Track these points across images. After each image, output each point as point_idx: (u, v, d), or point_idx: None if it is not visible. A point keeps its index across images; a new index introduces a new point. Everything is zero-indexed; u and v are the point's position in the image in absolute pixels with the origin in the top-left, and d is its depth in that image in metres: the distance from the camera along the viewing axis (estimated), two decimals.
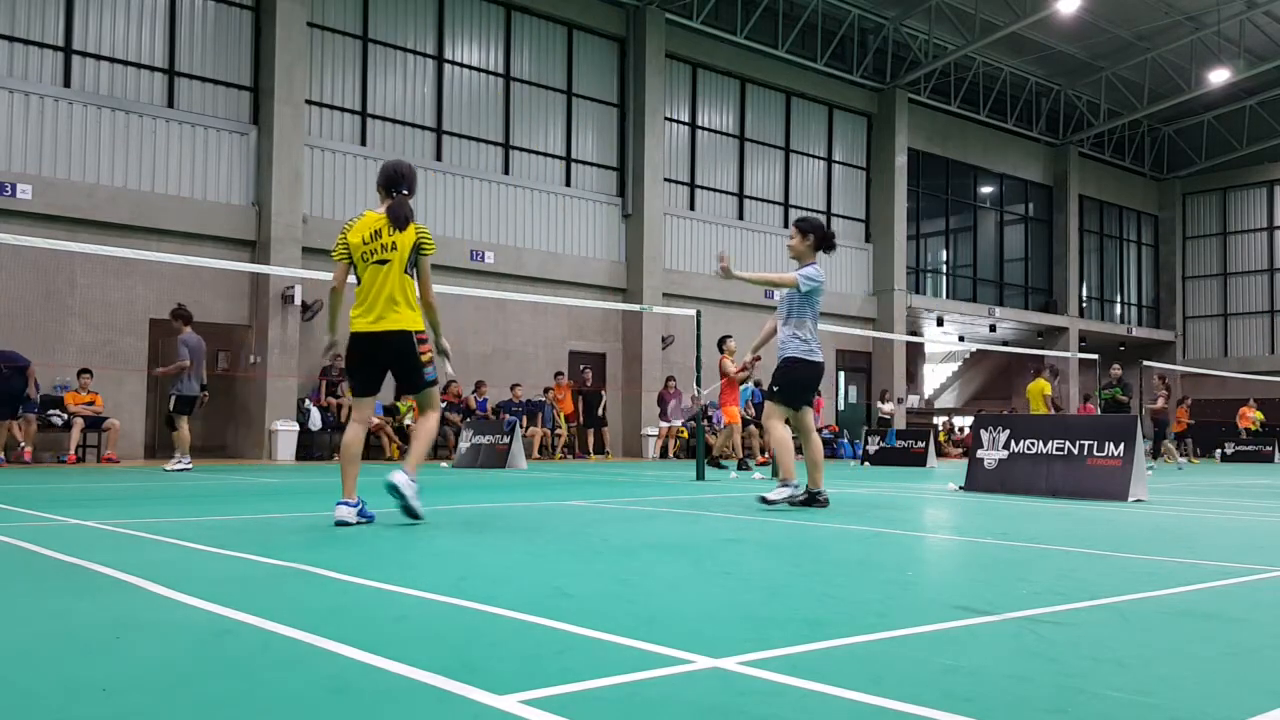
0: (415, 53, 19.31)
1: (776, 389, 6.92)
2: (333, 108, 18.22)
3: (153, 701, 1.95)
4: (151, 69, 16.38)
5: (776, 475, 7.66)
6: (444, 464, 14.73)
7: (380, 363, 5.43)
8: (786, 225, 23.30)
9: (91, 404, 14.64)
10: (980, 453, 9.40)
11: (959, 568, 4.35)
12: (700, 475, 11.29)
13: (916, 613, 3.01)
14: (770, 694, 2.02)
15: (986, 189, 30.88)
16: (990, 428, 9.46)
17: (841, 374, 26.45)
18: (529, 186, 20.45)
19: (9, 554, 4.13)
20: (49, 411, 14.35)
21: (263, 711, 1.88)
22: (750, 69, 24.05)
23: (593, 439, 19.94)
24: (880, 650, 2.45)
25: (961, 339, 33.10)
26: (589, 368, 20.29)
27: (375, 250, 5.33)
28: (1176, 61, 28.32)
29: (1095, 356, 21.86)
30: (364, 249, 5.35)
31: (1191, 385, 32.14)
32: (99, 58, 15.89)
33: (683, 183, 23.10)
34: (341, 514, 5.17)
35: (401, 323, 5.34)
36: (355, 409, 5.56)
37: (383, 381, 5.54)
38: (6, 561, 3.95)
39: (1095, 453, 8.46)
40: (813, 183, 25.79)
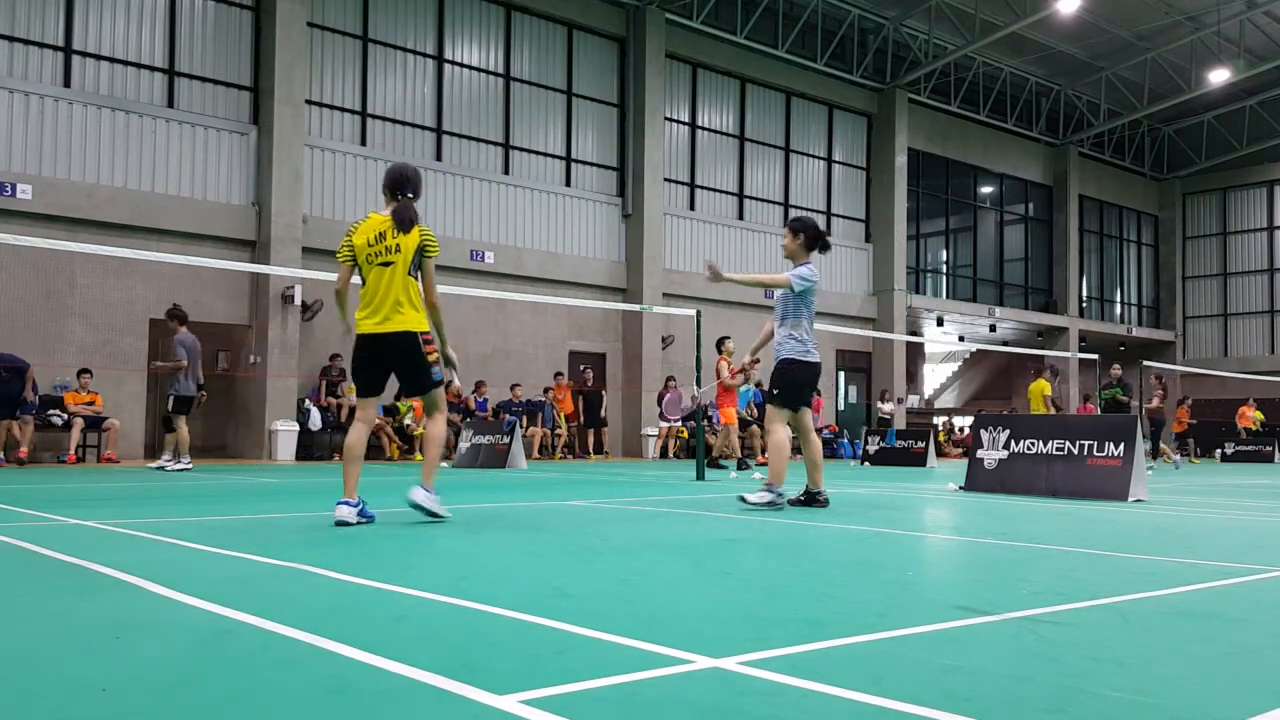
0: (415, 53, 19.31)
1: (776, 392, 6.92)
2: (333, 108, 18.22)
3: (153, 701, 1.95)
4: (151, 69, 16.38)
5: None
6: (444, 464, 14.72)
7: (386, 364, 5.48)
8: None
9: (91, 404, 14.64)
10: (980, 453, 9.41)
11: (959, 568, 4.35)
12: (700, 475, 11.29)
13: (916, 613, 3.01)
14: (770, 694, 2.02)
15: (986, 189, 30.88)
16: (990, 428, 9.46)
17: (841, 374, 26.44)
18: (529, 186, 20.46)
19: (9, 554, 4.13)
20: (49, 411, 14.35)
21: (263, 711, 1.88)
22: (750, 69, 24.04)
23: (592, 439, 19.95)
24: (880, 650, 2.45)
25: (961, 339, 33.10)
26: (590, 368, 20.28)
27: (380, 252, 5.37)
28: (1176, 61, 28.32)
29: (1095, 356, 21.89)
30: (369, 251, 5.39)
31: (1191, 385, 32.13)
32: (99, 58, 15.89)
33: (683, 183, 23.09)
34: (342, 514, 5.18)
35: (407, 324, 5.37)
36: (359, 409, 5.61)
37: (386, 382, 5.59)
38: (6, 561, 3.95)
39: (1095, 453, 8.46)
40: (813, 183, 25.78)
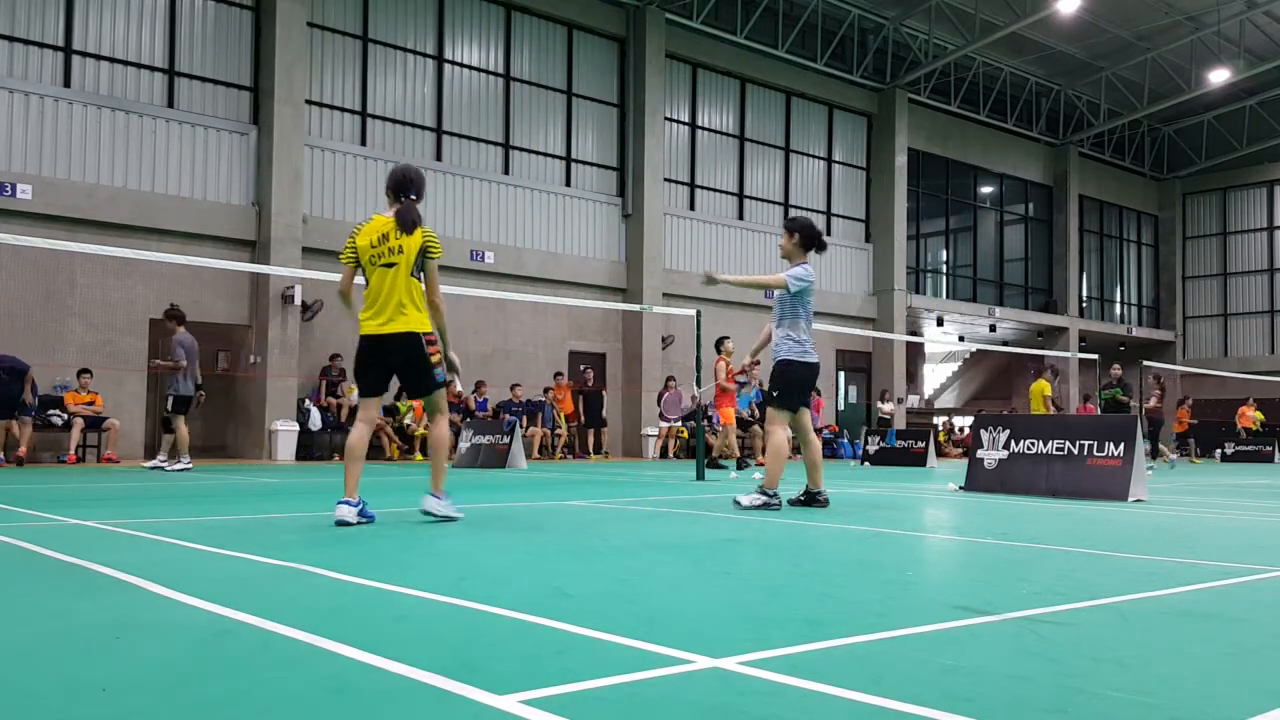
0: (415, 53, 19.30)
1: (775, 393, 6.92)
2: (333, 108, 18.22)
3: (153, 701, 1.95)
4: (151, 69, 16.37)
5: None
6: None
7: (389, 365, 5.52)
8: None
9: (91, 404, 14.64)
10: (980, 453, 9.41)
11: (959, 568, 4.35)
12: (700, 475, 11.30)
13: (916, 613, 3.01)
14: (770, 694, 2.02)
15: (986, 189, 30.87)
16: (990, 428, 9.46)
17: (841, 374, 26.43)
18: (529, 186, 20.45)
19: (9, 554, 4.13)
20: (49, 411, 14.35)
21: (263, 711, 1.88)
22: (750, 69, 24.04)
23: (593, 439, 19.94)
24: (880, 650, 2.45)
25: (961, 339, 33.10)
26: (590, 368, 20.28)
27: (383, 254, 5.40)
28: (1176, 61, 28.31)
29: (1095, 356, 21.89)
30: (372, 252, 5.42)
31: (1191, 385, 32.13)
32: (99, 58, 15.89)
33: (683, 183, 23.09)
34: (342, 513, 5.19)
35: (410, 325, 5.40)
36: (361, 409, 5.62)
37: (389, 383, 5.63)
38: (6, 561, 3.95)
39: (1095, 453, 8.46)
40: (813, 183, 25.78)
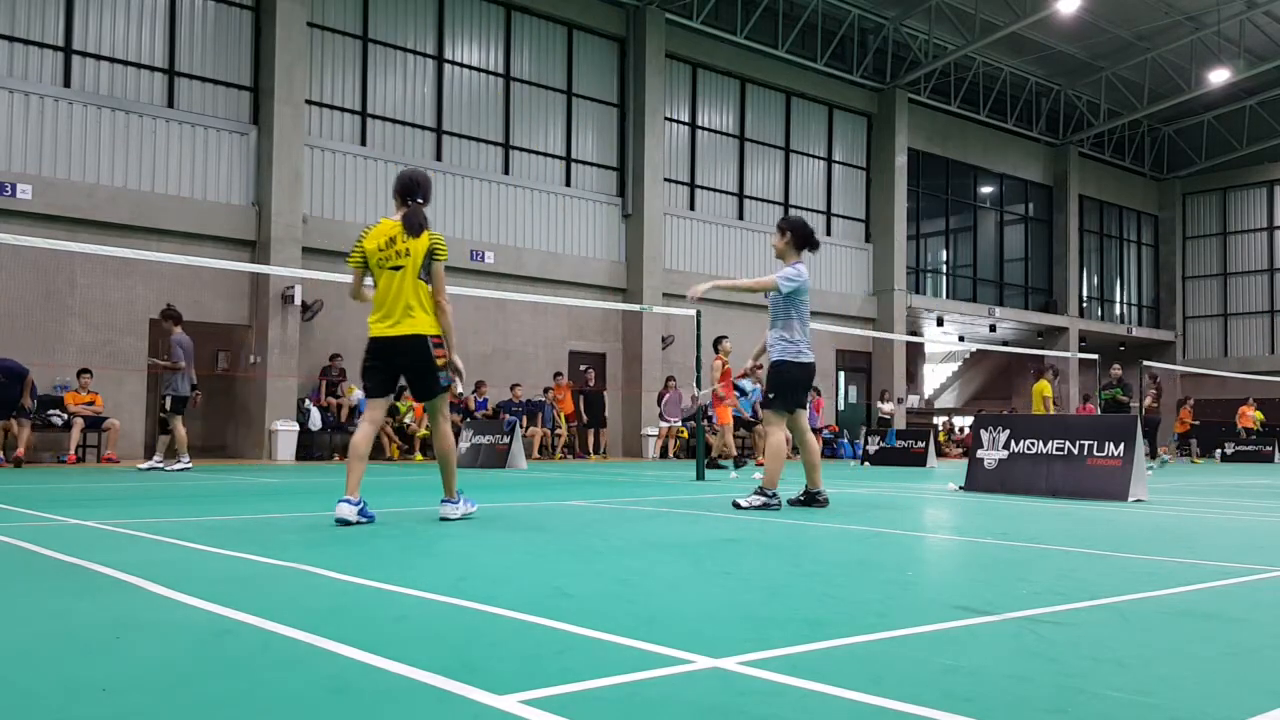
0: (415, 53, 19.30)
1: (772, 395, 6.91)
2: (333, 108, 18.22)
3: (153, 701, 1.95)
4: (151, 69, 16.37)
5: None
6: None
7: (397, 367, 5.58)
8: None
9: (91, 404, 14.64)
10: (980, 453, 9.41)
11: (959, 568, 4.35)
12: (700, 475, 11.30)
13: (916, 613, 3.01)
14: (770, 694, 2.02)
15: (986, 189, 30.87)
16: (990, 428, 9.46)
17: (841, 374, 26.43)
18: (529, 186, 20.45)
19: (9, 554, 4.13)
20: (49, 411, 14.35)
21: (263, 711, 1.88)
22: (750, 69, 24.04)
23: (593, 439, 19.94)
24: (880, 650, 2.45)
25: (961, 339, 33.10)
26: (591, 368, 20.27)
27: (390, 257, 5.46)
28: (1176, 61, 28.31)
29: (1095, 356, 21.90)
30: (379, 256, 5.48)
31: (1192, 385, 32.14)
32: (99, 58, 15.89)
33: (683, 183, 23.09)
34: (343, 512, 5.19)
35: (417, 327, 5.46)
36: (367, 409, 5.70)
37: (396, 385, 5.70)
38: (6, 561, 3.95)
39: (1095, 453, 8.46)
40: (813, 183, 25.78)
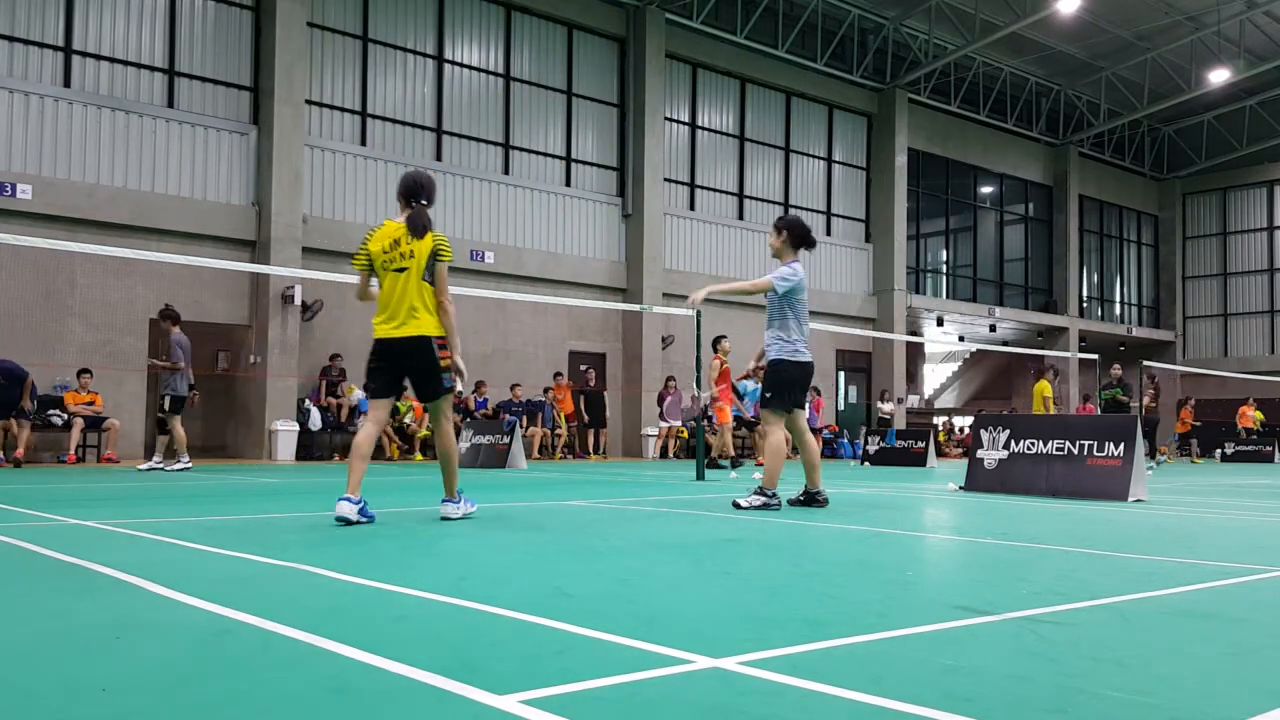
0: (415, 53, 19.30)
1: (769, 395, 6.90)
2: (333, 108, 18.22)
3: (153, 701, 1.95)
4: (151, 69, 16.37)
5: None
6: None
7: (402, 368, 5.62)
8: None
9: (91, 404, 14.64)
10: (980, 453, 9.40)
11: (959, 568, 4.35)
12: (700, 475, 11.30)
13: (916, 613, 3.01)
14: (770, 694, 2.02)
15: (986, 189, 30.87)
16: (990, 428, 9.46)
17: (841, 374, 26.43)
18: (529, 186, 20.45)
19: (9, 554, 4.13)
20: (49, 411, 14.35)
21: (263, 711, 1.88)
22: (750, 69, 24.04)
23: (593, 439, 19.94)
24: (880, 650, 2.45)
25: (961, 339, 33.10)
26: (592, 368, 20.27)
27: (394, 259, 5.50)
28: (1176, 61, 28.31)
29: (1095, 356, 21.91)
30: (384, 258, 5.53)
31: (1192, 385, 32.14)
32: (99, 58, 15.89)
33: (683, 183, 23.09)
34: (343, 510, 5.20)
35: (422, 328, 5.50)
36: (371, 410, 5.75)
37: (401, 387, 5.74)
38: (6, 561, 3.95)
39: (1095, 453, 8.46)
40: (813, 183, 25.77)
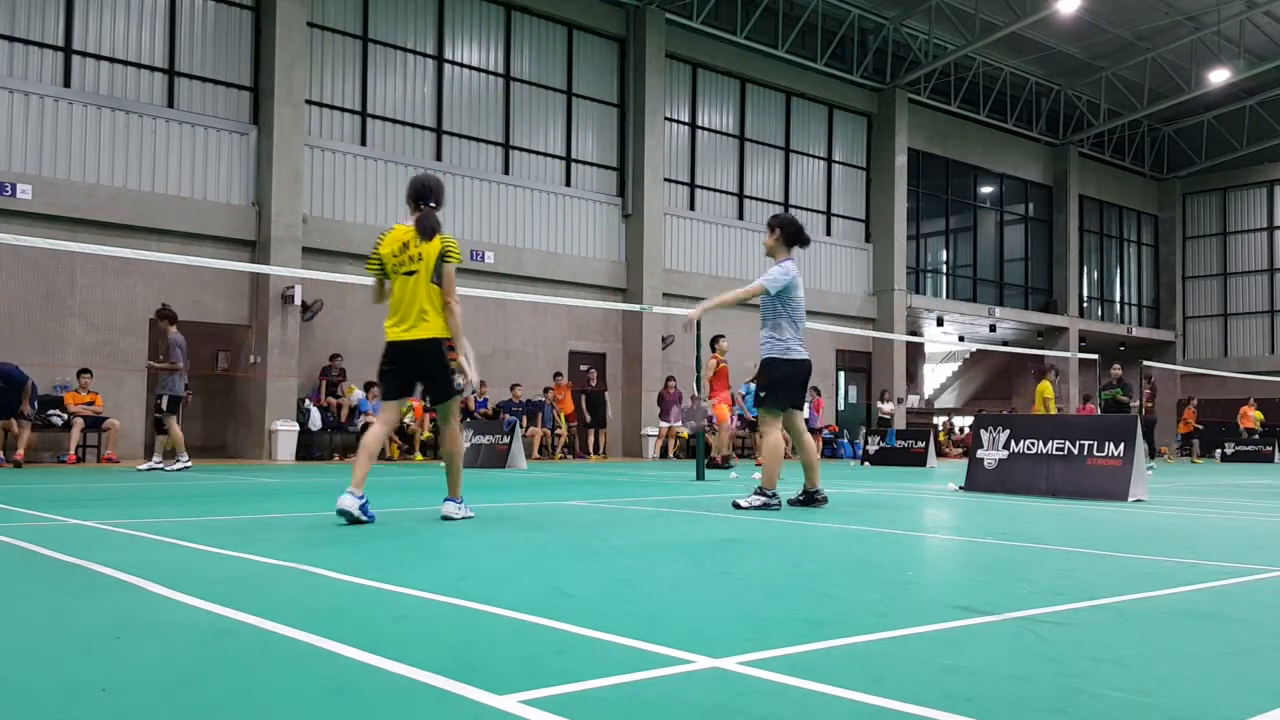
0: (415, 53, 19.30)
1: (763, 394, 6.89)
2: (333, 108, 18.22)
3: (153, 701, 1.95)
4: (151, 69, 16.37)
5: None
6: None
7: (413, 371, 5.68)
8: None
9: (91, 404, 14.64)
10: (980, 453, 9.40)
11: (959, 568, 4.35)
12: (700, 475, 11.30)
13: (916, 613, 3.01)
14: (770, 694, 2.02)
15: (986, 189, 30.87)
16: (990, 428, 9.46)
17: (841, 374, 26.43)
18: (529, 186, 20.45)
19: (9, 554, 4.13)
20: (49, 411, 14.35)
21: (263, 711, 1.88)
22: (750, 69, 24.03)
23: (593, 439, 19.94)
24: (880, 650, 2.45)
25: (961, 339, 33.09)
26: (592, 368, 20.27)
27: (404, 262, 5.56)
28: (1176, 61, 28.31)
29: (1095, 356, 21.91)
30: (394, 261, 5.59)
31: (1192, 385, 32.13)
32: (99, 58, 15.89)
33: (683, 183, 23.08)
34: (346, 503, 5.21)
35: (431, 331, 5.56)
36: (382, 411, 5.86)
37: (413, 388, 5.79)
38: (6, 561, 3.95)
39: (1095, 453, 8.46)
40: (813, 183, 25.77)
